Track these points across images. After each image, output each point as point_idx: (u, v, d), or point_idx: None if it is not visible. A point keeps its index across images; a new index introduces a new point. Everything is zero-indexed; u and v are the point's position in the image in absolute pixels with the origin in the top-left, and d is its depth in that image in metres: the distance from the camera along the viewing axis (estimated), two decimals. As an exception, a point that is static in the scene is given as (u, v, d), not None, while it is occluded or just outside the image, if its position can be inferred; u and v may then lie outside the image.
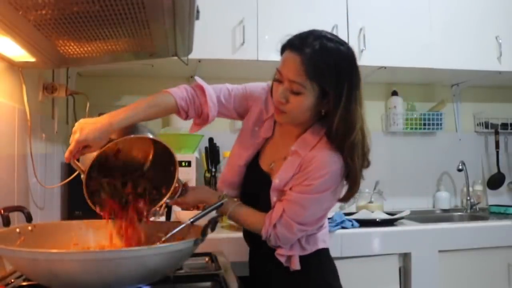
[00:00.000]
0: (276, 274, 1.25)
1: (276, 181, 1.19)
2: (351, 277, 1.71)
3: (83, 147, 1.00)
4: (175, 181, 1.11)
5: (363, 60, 2.06)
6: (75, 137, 0.99)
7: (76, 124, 1.02)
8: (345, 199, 1.21)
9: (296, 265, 1.21)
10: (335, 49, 1.09)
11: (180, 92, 1.22)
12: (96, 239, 1.12)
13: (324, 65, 1.07)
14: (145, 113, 1.11)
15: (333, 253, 1.69)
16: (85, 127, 1.00)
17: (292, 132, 1.21)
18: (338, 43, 1.11)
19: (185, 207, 1.35)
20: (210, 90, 1.26)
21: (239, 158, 1.30)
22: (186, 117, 1.24)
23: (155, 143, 1.10)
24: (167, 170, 1.11)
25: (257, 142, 1.29)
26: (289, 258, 1.22)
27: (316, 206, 1.16)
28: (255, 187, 1.27)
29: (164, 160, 1.11)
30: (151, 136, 1.08)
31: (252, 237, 1.30)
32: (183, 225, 1.06)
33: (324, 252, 1.29)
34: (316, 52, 1.07)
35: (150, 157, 1.15)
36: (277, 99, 1.13)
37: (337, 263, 1.33)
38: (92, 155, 1.01)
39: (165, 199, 1.13)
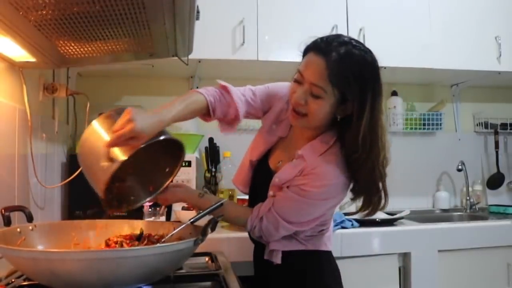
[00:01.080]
0: (274, 272, 1.25)
1: (275, 179, 1.19)
2: (351, 277, 1.71)
3: (131, 137, 0.95)
4: (168, 181, 1.11)
5: (363, 60, 2.07)
6: (132, 126, 0.93)
7: (131, 111, 0.96)
8: (370, 213, 1.17)
9: (277, 259, 1.21)
10: (361, 56, 1.08)
11: (207, 91, 1.22)
12: (97, 239, 1.12)
13: (349, 72, 1.05)
14: (187, 110, 1.11)
15: (333, 253, 1.70)
16: (144, 118, 0.96)
17: (304, 135, 1.21)
18: (363, 51, 1.09)
19: (164, 204, 1.28)
20: (235, 89, 1.27)
21: (252, 153, 1.30)
22: (213, 116, 1.21)
23: (167, 142, 1.05)
24: (162, 169, 1.11)
25: (272, 140, 1.29)
26: (271, 251, 1.22)
27: (306, 210, 1.15)
28: (260, 184, 1.27)
29: (165, 160, 1.11)
30: (174, 138, 1.05)
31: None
32: (183, 225, 1.07)
33: (324, 254, 1.28)
34: (342, 58, 1.05)
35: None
36: (296, 101, 1.11)
37: (337, 263, 1.33)
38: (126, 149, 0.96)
39: (150, 198, 1.14)
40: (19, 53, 1.21)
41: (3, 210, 1.00)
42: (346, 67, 1.06)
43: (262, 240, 1.23)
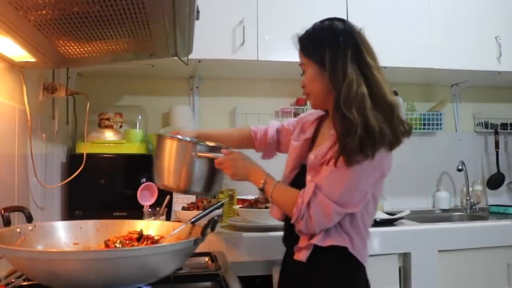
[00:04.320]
0: (304, 273, 1.22)
1: (311, 157, 1.19)
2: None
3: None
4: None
5: (363, 60, 2.07)
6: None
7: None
8: (393, 145, 1.15)
9: (303, 257, 1.18)
10: (318, 25, 1.24)
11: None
12: (97, 239, 1.12)
13: (309, 40, 1.23)
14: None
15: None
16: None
17: (330, 126, 1.20)
18: (322, 22, 1.25)
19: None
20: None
21: (286, 167, 1.33)
22: (256, 139, 1.50)
23: None
24: None
25: (303, 147, 1.30)
26: (300, 248, 1.19)
27: (351, 182, 1.11)
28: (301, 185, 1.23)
29: None
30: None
31: (289, 240, 1.29)
32: (183, 225, 1.07)
33: (357, 264, 1.22)
34: (306, 33, 1.24)
35: None
36: (301, 86, 1.28)
37: (337, 263, 1.33)
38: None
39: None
40: (19, 53, 1.21)
41: (2, 211, 1.00)
42: (307, 38, 1.23)
43: (302, 234, 1.18)
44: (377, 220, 1.87)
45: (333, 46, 1.18)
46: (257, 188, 1.24)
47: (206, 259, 1.36)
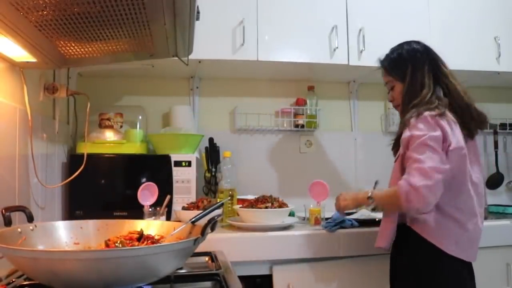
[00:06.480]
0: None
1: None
2: (351, 277, 1.71)
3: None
4: None
5: (363, 60, 2.08)
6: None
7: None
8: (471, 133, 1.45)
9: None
10: (396, 50, 1.61)
11: None
12: (97, 239, 1.12)
13: (392, 63, 1.58)
14: None
15: (332, 253, 1.71)
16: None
17: None
18: (403, 45, 1.62)
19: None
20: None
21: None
22: None
23: None
24: None
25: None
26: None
27: (429, 148, 1.28)
28: None
29: None
30: None
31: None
32: (183, 225, 1.07)
33: (445, 255, 1.34)
34: (388, 59, 1.60)
35: None
36: (389, 101, 1.61)
37: (337, 263, 1.33)
38: None
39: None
40: (20, 54, 1.21)
41: (3, 210, 1.00)
42: (390, 61, 1.59)
43: (418, 213, 1.33)
44: (377, 220, 1.87)
45: (414, 66, 1.51)
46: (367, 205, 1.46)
47: (206, 259, 1.36)
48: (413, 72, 1.50)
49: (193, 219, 1.08)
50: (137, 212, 1.60)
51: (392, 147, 1.53)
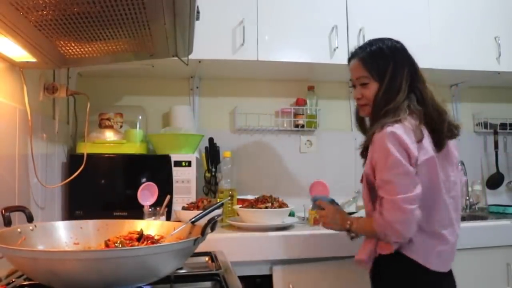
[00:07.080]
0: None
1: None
2: (351, 277, 1.71)
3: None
4: None
5: (363, 60, 2.08)
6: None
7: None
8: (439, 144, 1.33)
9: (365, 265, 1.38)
10: (376, 46, 1.45)
11: None
12: (97, 239, 1.12)
13: (372, 58, 1.41)
14: None
15: (332, 253, 1.71)
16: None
17: None
18: (383, 40, 1.47)
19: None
20: None
21: None
22: None
23: None
24: None
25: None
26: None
27: (395, 174, 1.22)
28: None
29: None
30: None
31: None
32: (183, 225, 1.07)
33: (419, 268, 1.27)
34: (368, 50, 1.44)
35: None
36: (355, 98, 1.44)
37: (336, 263, 1.33)
38: None
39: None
40: (20, 53, 1.21)
41: (3, 211, 1.00)
42: (370, 54, 1.42)
43: (396, 244, 1.27)
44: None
45: (394, 63, 1.39)
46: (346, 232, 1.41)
47: (206, 259, 1.36)
48: (393, 72, 1.36)
49: (193, 219, 1.08)
50: (137, 212, 1.59)
51: (361, 154, 1.46)
